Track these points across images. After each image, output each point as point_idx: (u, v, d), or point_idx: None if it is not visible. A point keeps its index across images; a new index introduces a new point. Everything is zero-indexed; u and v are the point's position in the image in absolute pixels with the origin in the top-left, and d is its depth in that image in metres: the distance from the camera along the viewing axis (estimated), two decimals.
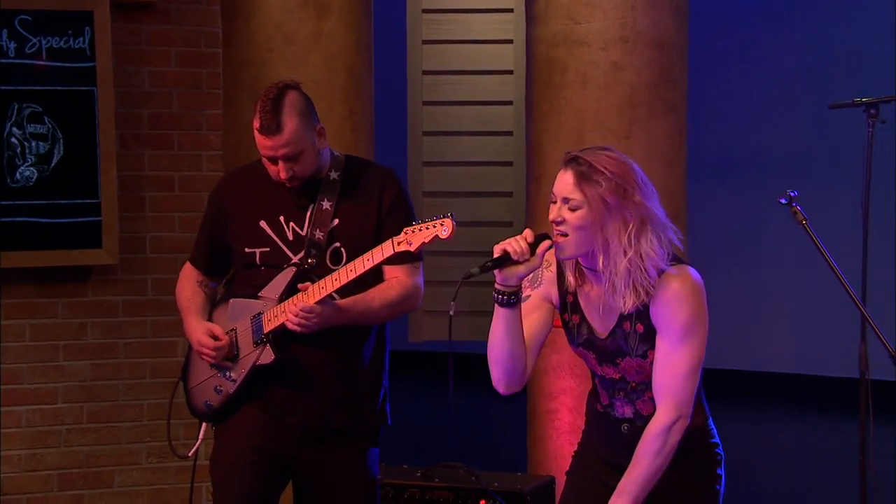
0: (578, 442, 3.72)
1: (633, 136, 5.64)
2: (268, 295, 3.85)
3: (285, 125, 3.77)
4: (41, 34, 5.52)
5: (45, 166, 5.58)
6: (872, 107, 4.79)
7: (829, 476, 7.45)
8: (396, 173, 4.00)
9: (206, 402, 3.97)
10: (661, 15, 5.64)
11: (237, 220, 3.95)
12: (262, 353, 3.83)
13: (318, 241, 3.82)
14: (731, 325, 9.73)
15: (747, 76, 9.62)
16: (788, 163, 9.57)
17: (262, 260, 3.89)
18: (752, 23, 9.58)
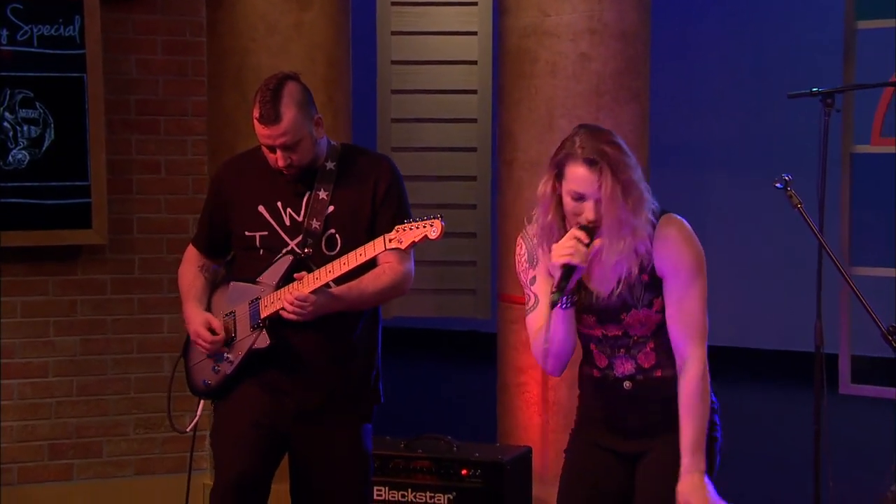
0: (575, 419, 3.64)
1: (600, 123, 5.54)
2: (266, 281, 3.79)
3: (284, 115, 3.68)
4: (33, 22, 5.41)
5: (36, 150, 5.48)
6: (829, 96, 4.74)
7: (786, 443, 7.43)
8: (391, 161, 3.94)
9: (204, 380, 3.91)
10: (626, 8, 5.59)
11: (237, 205, 3.88)
12: (258, 337, 3.78)
13: (315, 230, 3.76)
14: None
15: (705, 68, 9.57)
16: (741, 150, 9.55)
17: (261, 243, 3.83)
18: (710, 16, 9.53)
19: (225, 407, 3.88)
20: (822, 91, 4.72)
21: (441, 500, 4.78)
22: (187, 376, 4.00)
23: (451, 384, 9.34)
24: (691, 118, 9.67)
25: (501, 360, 5.87)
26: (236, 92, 5.69)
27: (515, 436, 5.71)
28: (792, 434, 7.78)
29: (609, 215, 3.24)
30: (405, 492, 4.82)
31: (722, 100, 9.70)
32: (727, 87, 9.67)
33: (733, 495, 6.21)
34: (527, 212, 5.62)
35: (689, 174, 9.65)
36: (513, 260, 5.66)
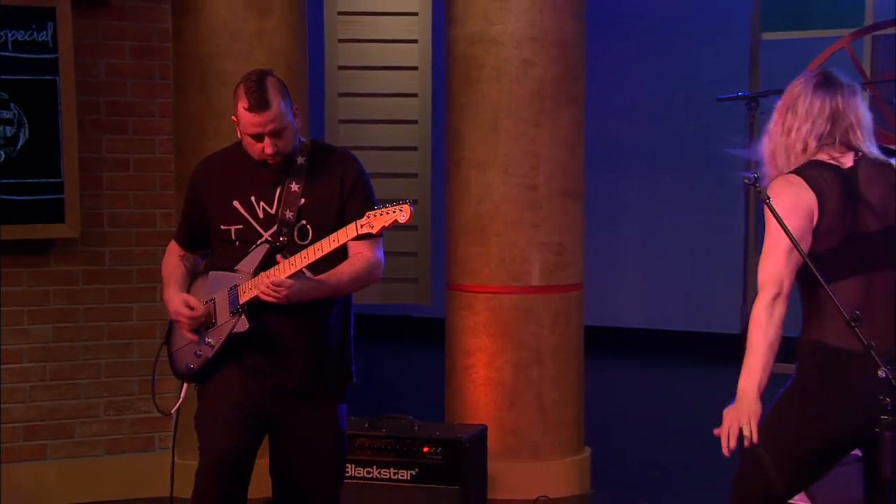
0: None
1: (541, 125, 5.55)
2: (243, 269, 3.71)
3: (272, 102, 3.60)
4: (7, 28, 5.26)
5: (11, 148, 5.32)
6: (753, 100, 4.71)
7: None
8: (356, 157, 3.87)
9: (187, 364, 3.80)
10: (564, 18, 5.59)
11: (213, 201, 3.79)
12: (237, 321, 3.69)
13: (289, 220, 3.68)
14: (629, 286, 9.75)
15: (638, 72, 9.59)
16: (668, 149, 9.58)
17: (236, 236, 3.74)
18: (641, 27, 9.54)
19: (207, 390, 3.79)
20: (747, 95, 4.68)
21: (404, 476, 4.71)
22: (170, 361, 3.89)
23: (393, 366, 9.25)
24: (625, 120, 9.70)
25: (449, 344, 5.81)
26: (201, 95, 5.57)
27: (463, 414, 5.65)
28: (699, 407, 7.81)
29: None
30: (370, 468, 4.74)
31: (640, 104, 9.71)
32: (644, 93, 9.68)
33: (680, 466, 6.25)
34: (473, 207, 5.61)
35: (630, 170, 9.67)
36: (461, 253, 5.62)
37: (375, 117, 7.31)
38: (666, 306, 9.74)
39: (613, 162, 9.53)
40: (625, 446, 6.67)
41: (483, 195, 5.60)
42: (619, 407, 7.77)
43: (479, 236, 5.62)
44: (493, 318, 5.60)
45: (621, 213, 9.76)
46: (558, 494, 5.46)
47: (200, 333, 3.76)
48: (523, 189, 5.55)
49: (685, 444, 6.84)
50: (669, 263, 9.70)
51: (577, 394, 5.74)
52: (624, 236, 9.89)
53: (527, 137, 5.54)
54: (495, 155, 5.57)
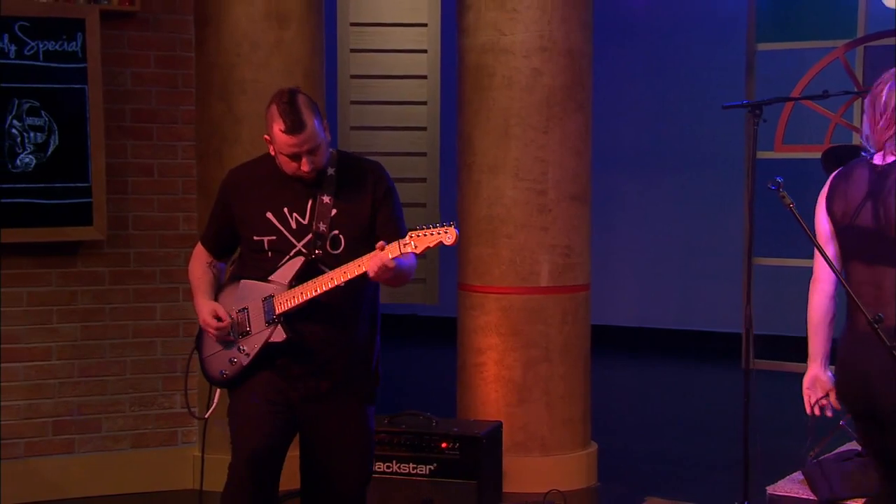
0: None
1: (550, 131, 5.55)
2: (277, 280, 3.67)
3: (307, 123, 3.56)
4: (39, 38, 5.28)
5: (42, 154, 5.34)
6: (757, 108, 4.69)
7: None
8: (383, 167, 3.85)
9: (221, 371, 3.77)
10: (572, 28, 5.60)
11: (244, 212, 3.76)
12: (273, 331, 3.67)
13: (323, 232, 3.66)
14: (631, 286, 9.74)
15: (638, 80, 9.58)
16: (668, 153, 9.58)
17: (269, 246, 3.71)
18: (641, 38, 9.53)
19: (240, 389, 3.76)
20: (751, 103, 4.66)
21: (423, 471, 4.71)
22: (202, 366, 3.86)
23: (400, 363, 9.24)
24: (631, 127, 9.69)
25: (461, 342, 5.82)
26: (222, 102, 5.58)
27: (474, 410, 5.66)
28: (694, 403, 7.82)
29: None
30: (390, 463, 4.74)
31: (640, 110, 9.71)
32: (644, 99, 9.69)
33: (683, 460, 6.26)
34: (485, 210, 5.61)
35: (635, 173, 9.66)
36: (472, 254, 5.62)
37: (386, 124, 7.32)
38: (666, 305, 9.75)
39: (615, 165, 9.53)
40: (630, 441, 6.67)
41: (494, 199, 5.60)
42: (622, 403, 7.77)
43: (489, 238, 5.62)
44: (504, 317, 5.61)
45: (622, 215, 9.76)
46: (566, 488, 5.46)
47: (233, 341, 3.74)
48: (533, 193, 5.56)
49: (688, 438, 6.86)
50: (669, 263, 9.72)
51: (585, 390, 5.75)
52: (625, 237, 9.89)
53: (536, 143, 5.54)
54: (506, 160, 5.58)
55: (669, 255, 9.73)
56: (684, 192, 9.58)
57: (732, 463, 5.68)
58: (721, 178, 9.08)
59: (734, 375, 8.06)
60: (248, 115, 5.54)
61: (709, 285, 9.40)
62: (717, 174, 9.22)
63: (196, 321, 5.58)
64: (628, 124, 9.61)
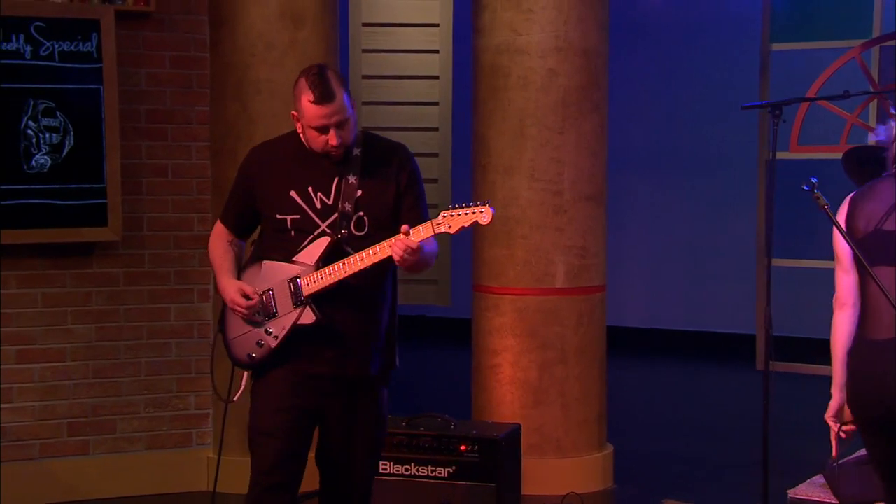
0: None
1: (565, 132, 5.55)
2: (303, 261, 3.63)
3: (336, 93, 3.54)
4: (54, 39, 5.28)
5: (57, 155, 5.34)
6: (777, 108, 4.67)
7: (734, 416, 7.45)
8: (409, 149, 3.83)
9: (249, 354, 3.73)
10: (588, 28, 5.59)
11: (268, 190, 3.71)
12: (302, 313, 3.64)
13: (348, 212, 3.63)
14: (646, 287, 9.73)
15: (652, 80, 9.57)
16: (685, 155, 9.57)
17: (292, 225, 3.66)
18: (655, 38, 9.53)
19: (259, 394, 3.72)
20: (771, 103, 4.65)
21: (442, 473, 4.70)
22: (227, 349, 3.80)
23: (411, 364, 9.24)
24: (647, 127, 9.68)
25: (476, 344, 5.82)
26: (236, 102, 5.59)
27: (489, 412, 5.66)
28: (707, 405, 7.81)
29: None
30: (408, 466, 4.73)
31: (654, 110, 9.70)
32: (658, 100, 9.67)
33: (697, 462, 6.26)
34: (500, 211, 5.60)
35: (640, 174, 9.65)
36: (487, 255, 5.62)
37: (397, 125, 7.31)
38: (676, 306, 9.74)
39: (626, 165, 9.53)
40: (645, 443, 6.67)
41: (509, 199, 5.60)
42: (635, 405, 7.76)
43: (505, 239, 5.62)
44: (519, 318, 5.61)
45: (633, 215, 9.75)
46: (582, 490, 5.46)
47: (260, 322, 3.70)
48: (548, 194, 5.56)
49: (703, 440, 6.86)
50: (679, 264, 9.71)
51: (600, 392, 5.75)
52: (635, 237, 9.89)
53: (552, 144, 5.54)
54: (521, 161, 5.58)
55: (680, 256, 9.72)
56: (695, 193, 9.58)
57: (749, 465, 5.68)
58: (733, 179, 9.08)
59: (746, 377, 8.09)
60: (262, 115, 5.54)
61: (720, 286, 9.40)
62: (728, 174, 9.21)
63: (209, 322, 5.71)
64: (639, 124, 9.61)
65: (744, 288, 8.99)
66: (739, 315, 9.01)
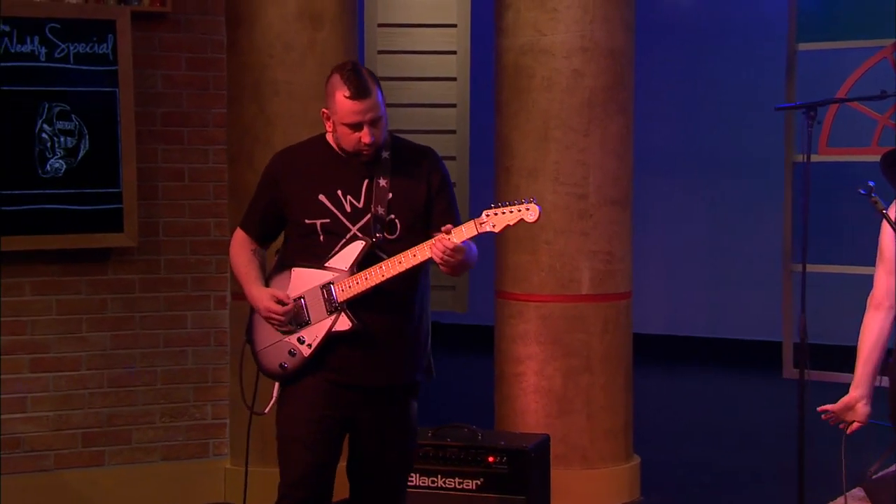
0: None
1: (591, 134, 5.54)
2: (336, 266, 3.60)
3: (371, 89, 3.53)
4: (69, 40, 5.27)
5: (72, 159, 5.33)
6: (812, 109, 4.64)
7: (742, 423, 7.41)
8: (437, 153, 3.83)
9: (281, 363, 3.69)
10: (614, 28, 5.58)
11: (295, 195, 3.68)
12: (336, 320, 3.60)
13: (381, 215, 3.60)
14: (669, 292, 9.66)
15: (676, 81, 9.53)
16: (708, 157, 9.52)
17: (322, 230, 3.63)
18: (679, 37, 9.49)
19: (288, 403, 3.70)
20: (806, 104, 4.62)
21: (469, 485, 4.66)
22: (256, 359, 3.77)
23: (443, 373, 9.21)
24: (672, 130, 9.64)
25: (499, 352, 5.79)
26: (254, 104, 5.58)
27: (513, 422, 5.64)
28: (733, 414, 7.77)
29: None
30: (435, 478, 4.69)
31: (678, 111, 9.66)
32: (682, 101, 9.62)
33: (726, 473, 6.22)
34: None
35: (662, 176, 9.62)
36: (510, 260, 5.59)
37: (414, 127, 7.29)
38: (698, 312, 9.70)
39: (649, 167, 9.49)
40: (671, 453, 6.62)
41: None
42: (660, 414, 7.71)
43: (528, 245, 5.60)
44: (543, 326, 5.58)
45: (654, 218, 9.70)
46: (608, 502, 5.43)
47: (291, 331, 3.66)
48: (573, 198, 5.53)
49: (730, 450, 6.81)
50: (701, 269, 9.65)
51: (626, 401, 5.72)
52: (658, 241, 9.83)
53: (577, 146, 5.52)
54: (545, 163, 5.56)
55: (701, 260, 9.68)
56: (718, 195, 9.52)
57: (779, 476, 5.66)
58: (757, 182, 9.04)
59: (772, 385, 8.05)
60: (280, 117, 5.53)
61: (742, 292, 9.35)
62: (752, 177, 9.16)
63: (226, 329, 5.68)
64: (661, 125, 9.56)
65: (768, 294, 8.95)
66: (763, 322, 8.98)
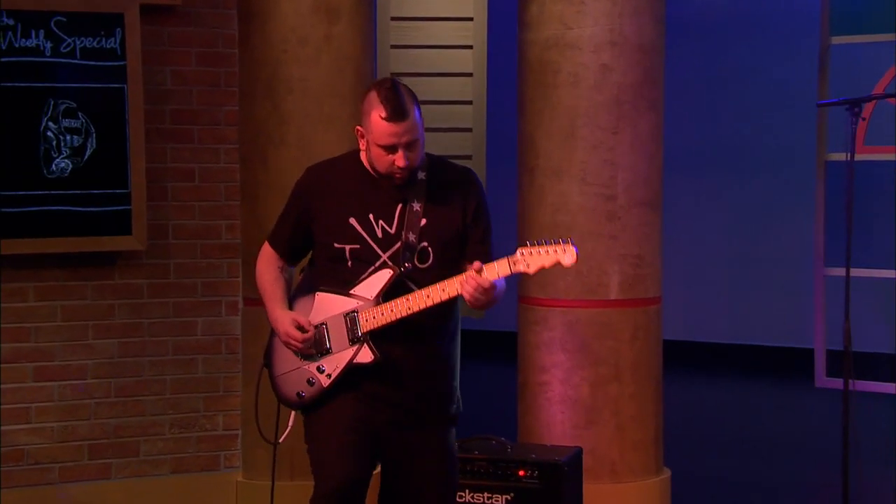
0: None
1: (620, 132, 5.47)
2: (362, 294, 3.54)
3: (409, 111, 3.45)
4: (75, 35, 5.22)
5: (78, 158, 5.28)
6: (856, 105, 4.58)
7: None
8: (476, 175, 3.74)
9: (298, 392, 3.63)
10: (644, 22, 5.52)
11: (325, 216, 3.61)
12: (359, 351, 3.54)
13: (412, 243, 3.52)
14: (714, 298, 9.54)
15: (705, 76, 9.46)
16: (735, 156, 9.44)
17: (351, 255, 3.57)
18: (708, 31, 9.39)
19: (320, 416, 3.63)
20: (849, 100, 4.55)
21: (499, 501, 4.59)
22: (275, 386, 3.71)
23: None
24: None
25: (522, 360, 5.71)
26: (267, 101, 5.52)
27: (537, 433, 5.56)
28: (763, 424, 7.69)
29: None
30: (462, 493, 4.63)
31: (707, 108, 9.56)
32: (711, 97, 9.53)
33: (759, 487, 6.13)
34: (548, 217, 5.52)
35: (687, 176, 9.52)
36: None
37: (428, 125, 7.10)
38: (722, 318, 9.60)
39: (672, 166, 9.41)
40: (702, 466, 6.54)
41: (559, 205, 5.50)
42: (687, 424, 7.63)
43: None
44: (569, 332, 5.50)
45: (677, 218, 9.61)
46: None
47: (312, 359, 3.60)
48: (601, 199, 5.46)
49: (764, 462, 6.72)
50: (727, 272, 9.55)
51: (656, 412, 5.64)
52: (680, 242, 9.75)
53: (605, 145, 5.44)
54: (571, 163, 5.48)
55: (725, 263, 9.58)
56: (744, 195, 9.42)
57: (816, 490, 5.60)
58: (786, 181, 8.96)
59: (803, 394, 7.97)
60: (295, 115, 5.46)
61: (769, 296, 9.26)
62: (782, 177, 9.09)
63: (238, 336, 5.62)
64: (686, 123, 9.47)
65: (795, 298, 8.88)
66: (792, 328, 8.90)
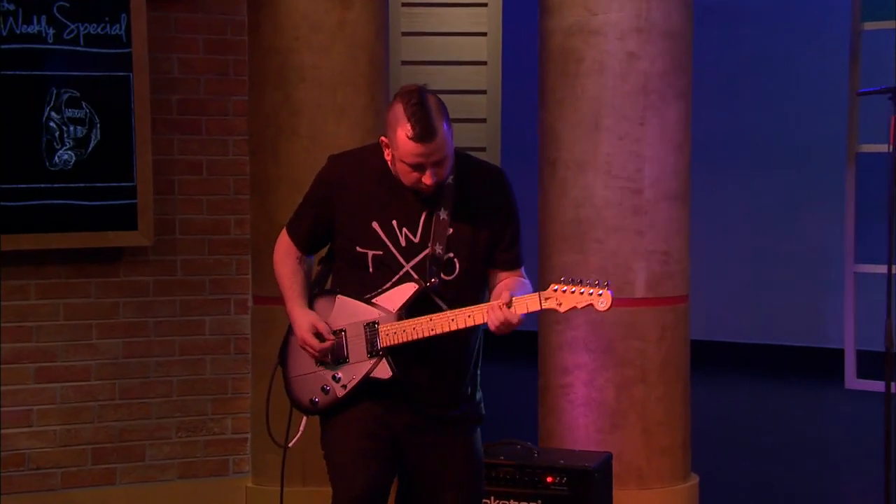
0: None
1: (647, 123, 5.40)
2: (384, 305, 3.45)
3: (438, 129, 3.28)
4: (79, 21, 5.14)
5: (82, 150, 5.20)
6: None
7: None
8: (506, 176, 3.60)
9: (311, 398, 3.55)
10: (672, 7, 5.45)
11: (348, 216, 3.50)
12: (377, 365, 3.45)
13: (439, 255, 3.41)
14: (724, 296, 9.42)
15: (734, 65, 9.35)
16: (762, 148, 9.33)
17: (373, 262, 3.47)
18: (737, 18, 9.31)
19: (335, 417, 3.55)
20: (891, 88, 4.47)
21: None
22: (288, 388, 3.62)
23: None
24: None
25: (543, 361, 5.63)
26: (278, 91, 5.45)
27: (559, 437, 5.49)
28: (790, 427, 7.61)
29: None
30: (488, 499, 4.56)
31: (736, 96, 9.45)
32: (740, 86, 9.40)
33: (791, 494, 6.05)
34: (571, 212, 5.44)
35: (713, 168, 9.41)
36: (556, 261, 5.44)
37: None
38: (744, 316, 9.49)
39: (703, 158, 9.30)
40: (730, 471, 6.44)
41: (582, 199, 5.42)
42: (713, 428, 7.53)
43: (577, 243, 5.44)
44: (594, 332, 5.42)
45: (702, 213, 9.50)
46: None
47: (328, 366, 3.52)
48: (627, 192, 5.37)
49: (795, 467, 6.63)
50: (751, 268, 9.43)
51: (684, 415, 5.56)
52: (704, 238, 9.63)
53: (631, 136, 5.36)
54: (595, 155, 5.39)
55: (750, 259, 9.46)
56: (770, 189, 9.30)
57: (850, 497, 5.51)
58: (815, 174, 8.85)
59: (832, 396, 7.88)
60: (307, 105, 5.39)
61: (795, 294, 9.15)
62: (810, 169, 8.97)
63: (247, 335, 5.55)
64: (711, 113, 9.36)
65: (825, 296, 8.78)
66: (819, 327, 8.80)
